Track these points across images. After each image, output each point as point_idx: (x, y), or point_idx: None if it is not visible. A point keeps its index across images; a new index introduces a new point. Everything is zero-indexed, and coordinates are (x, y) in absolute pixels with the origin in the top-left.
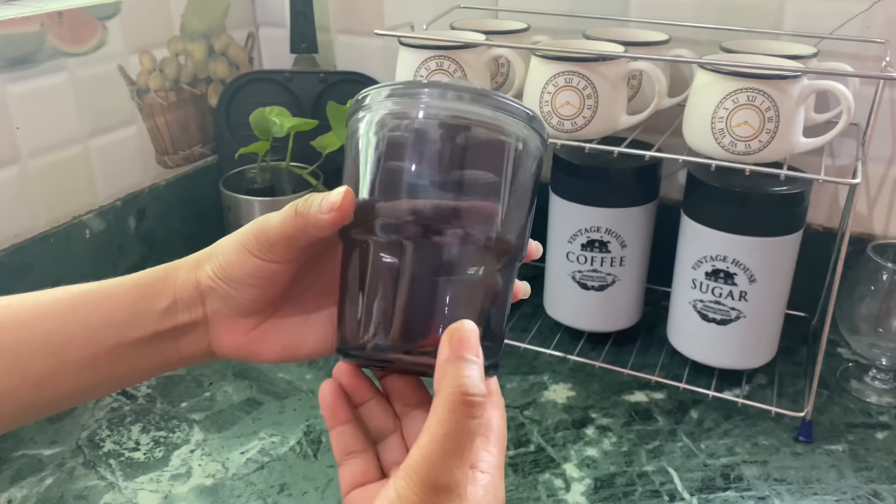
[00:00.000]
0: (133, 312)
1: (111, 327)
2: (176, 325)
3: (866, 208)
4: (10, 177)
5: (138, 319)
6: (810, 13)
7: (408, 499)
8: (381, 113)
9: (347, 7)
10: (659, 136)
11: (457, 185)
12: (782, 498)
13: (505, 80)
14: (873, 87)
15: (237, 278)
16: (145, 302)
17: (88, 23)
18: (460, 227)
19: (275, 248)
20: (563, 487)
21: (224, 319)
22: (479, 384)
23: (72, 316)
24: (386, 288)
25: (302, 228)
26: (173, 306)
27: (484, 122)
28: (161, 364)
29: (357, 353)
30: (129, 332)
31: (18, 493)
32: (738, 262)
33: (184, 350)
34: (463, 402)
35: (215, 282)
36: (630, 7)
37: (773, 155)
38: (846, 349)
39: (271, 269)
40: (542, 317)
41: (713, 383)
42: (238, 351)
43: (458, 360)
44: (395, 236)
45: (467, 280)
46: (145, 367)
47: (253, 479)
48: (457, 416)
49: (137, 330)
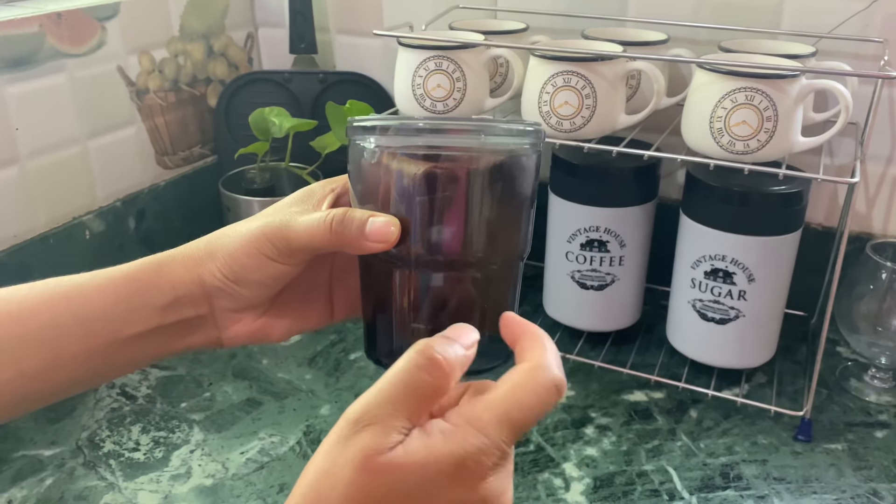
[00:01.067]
0: (129, 308)
1: (106, 322)
2: (181, 319)
3: (865, 207)
4: (10, 177)
5: (136, 314)
6: (809, 12)
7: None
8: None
9: (346, 7)
10: (658, 136)
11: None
12: (781, 497)
13: (504, 80)
14: (872, 86)
15: (251, 280)
16: (141, 297)
17: (87, 23)
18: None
19: (296, 255)
20: (562, 487)
21: (231, 314)
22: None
23: (65, 308)
24: (412, 301)
25: (335, 244)
26: (175, 302)
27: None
28: (164, 354)
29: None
30: (126, 327)
31: (19, 494)
32: (736, 261)
33: (191, 341)
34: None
35: (224, 282)
36: (628, 7)
37: (771, 154)
38: (845, 348)
39: (288, 271)
40: (542, 316)
41: (712, 382)
42: (248, 338)
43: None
44: (425, 268)
45: (478, 285)
46: (146, 358)
47: (253, 479)
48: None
49: (136, 325)
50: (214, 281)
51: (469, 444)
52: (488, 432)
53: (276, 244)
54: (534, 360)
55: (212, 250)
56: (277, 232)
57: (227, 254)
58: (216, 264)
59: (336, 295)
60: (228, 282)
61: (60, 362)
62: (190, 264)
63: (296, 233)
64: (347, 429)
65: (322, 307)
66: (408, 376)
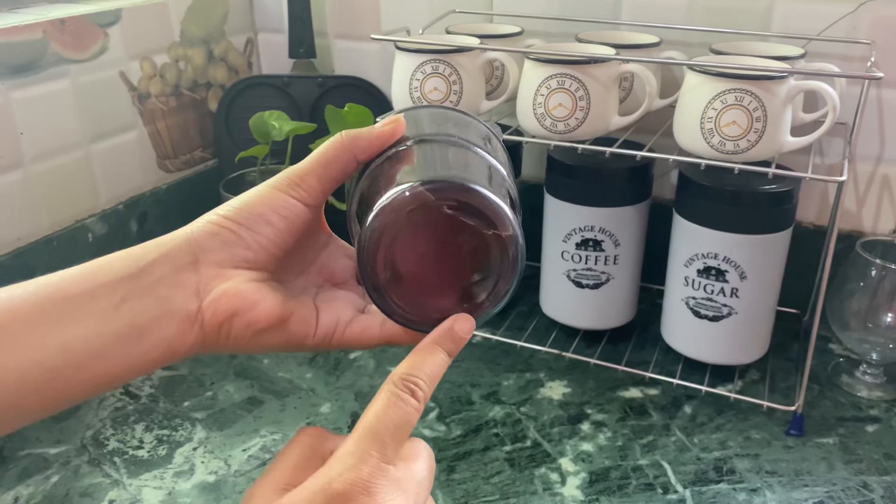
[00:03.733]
0: (122, 352)
1: (96, 357)
2: (186, 355)
3: (855, 206)
4: (14, 181)
5: (128, 358)
6: (798, 15)
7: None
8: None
9: (345, 12)
10: (650, 137)
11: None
12: (774, 490)
13: (499, 82)
14: (859, 87)
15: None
16: (136, 343)
17: (90, 30)
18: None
19: (306, 180)
20: (558, 481)
21: (219, 269)
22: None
23: (50, 327)
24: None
25: (348, 148)
26: (181, 342)
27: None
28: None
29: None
30: (115, 365)
31: (25, 491)
32: (728, 259)
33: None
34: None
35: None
36: (622, 10)
37: (761, 154)
38: (837, 345)
39: (301, 213)
40: (538, 315)
41: (706, 379)
42: (229, 307)
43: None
44: None
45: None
46: (140, 374)
47: (255, 476)
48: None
49: (128, 365)
50: (212, 227)
51: (333, 471)
52: (347, 455)
53: (289, 176)
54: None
55: (214, 211)
56: (285, 174)
57: (230, 205)
58: (216, 212)
59: (322, 312)
60: (238, 225)
61: (47, 382)
62: (187, 297)
63: (302, 164)
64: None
65: (306, 315)
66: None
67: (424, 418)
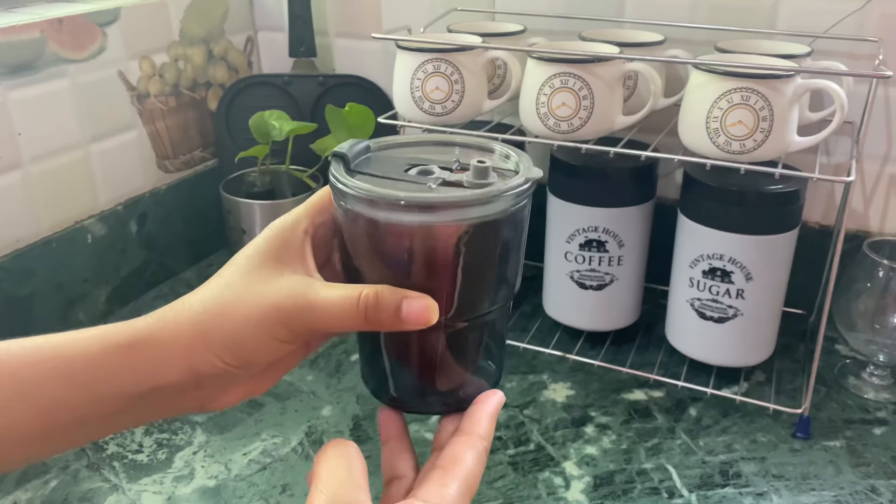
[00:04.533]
0: (91, 397)
1: (80, 426)
2: (157, 402)
3: (862, 205)
4: (12, 182)
5: (99, 403)
6: (804, 12)
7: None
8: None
9: (345, 11)
10: (655, 136)
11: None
12: (780, 494)
13: (502, 81)
14: (867, 86)
15: (260, 363)
16: (107, 384)
17: (88, 29)
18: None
19: (316, 336)
20: (562, 485)
21: (223, 388)
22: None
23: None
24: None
25: (364, 327)
26: (154, 391)
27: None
28: (132, 426)
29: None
30: (88, 411)
31: (23, 496)
32: (734, 260)
33: (167, 413)
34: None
35: (225, 368)
36: (625, 8)
37: (767, 154)
38: (844, 346)
39: (300, 348)
40: (542, 316)
41: (711, 381)
42: (235, 403)
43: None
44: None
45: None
46: (111, 432)
47: (255, 480)
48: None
49: (100, 408)
50: (211, 369)
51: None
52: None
53: (293, 328)
54: (472, 432)
55: (205, 333)
56: (296, 317)
57: (227, 338)
58: (214, 352)
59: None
60: (230, 367)
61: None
62: (176, 352)
63: (319, 318)
64: None
65: (302, 348)
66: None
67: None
